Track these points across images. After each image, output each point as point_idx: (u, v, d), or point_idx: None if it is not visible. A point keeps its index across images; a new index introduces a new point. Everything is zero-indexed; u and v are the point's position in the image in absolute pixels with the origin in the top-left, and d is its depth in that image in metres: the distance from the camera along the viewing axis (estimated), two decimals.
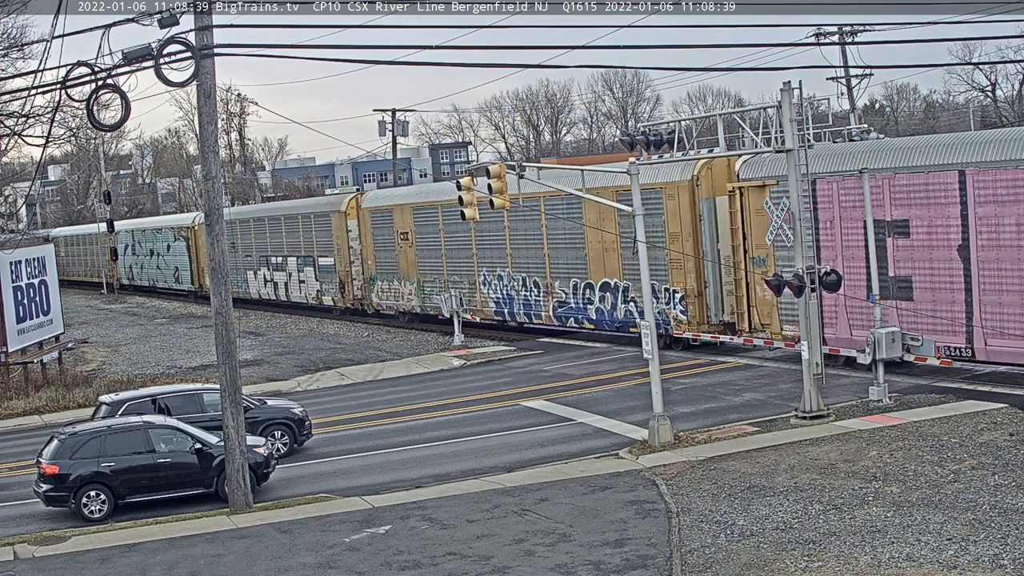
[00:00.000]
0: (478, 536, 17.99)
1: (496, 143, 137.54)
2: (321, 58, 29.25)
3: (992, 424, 21.93)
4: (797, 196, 24.16)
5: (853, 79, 62.28)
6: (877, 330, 25.03)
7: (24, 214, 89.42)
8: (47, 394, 35.77)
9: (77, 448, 22.20)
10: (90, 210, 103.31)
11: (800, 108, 24.08)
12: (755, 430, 23.76)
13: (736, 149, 28.31)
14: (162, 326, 56.62)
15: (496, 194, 24.66)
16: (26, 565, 18.62)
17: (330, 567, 17.18)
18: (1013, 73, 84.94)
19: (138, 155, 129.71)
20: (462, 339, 41.71)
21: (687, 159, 30.61)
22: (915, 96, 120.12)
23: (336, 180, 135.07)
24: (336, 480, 23.57)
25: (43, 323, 39.97)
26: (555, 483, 20.82)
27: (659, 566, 15.75)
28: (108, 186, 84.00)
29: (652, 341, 23.56)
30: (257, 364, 40.47)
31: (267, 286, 59.86)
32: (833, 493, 18.35)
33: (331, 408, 31.43)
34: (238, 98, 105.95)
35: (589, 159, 57.74)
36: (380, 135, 72.80)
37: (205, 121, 21.45)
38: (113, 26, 19.56)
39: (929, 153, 26.80)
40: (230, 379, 21.52)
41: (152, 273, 76.22)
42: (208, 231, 21.73)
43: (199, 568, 17.75)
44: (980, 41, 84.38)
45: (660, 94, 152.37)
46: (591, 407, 28.05)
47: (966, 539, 15.59)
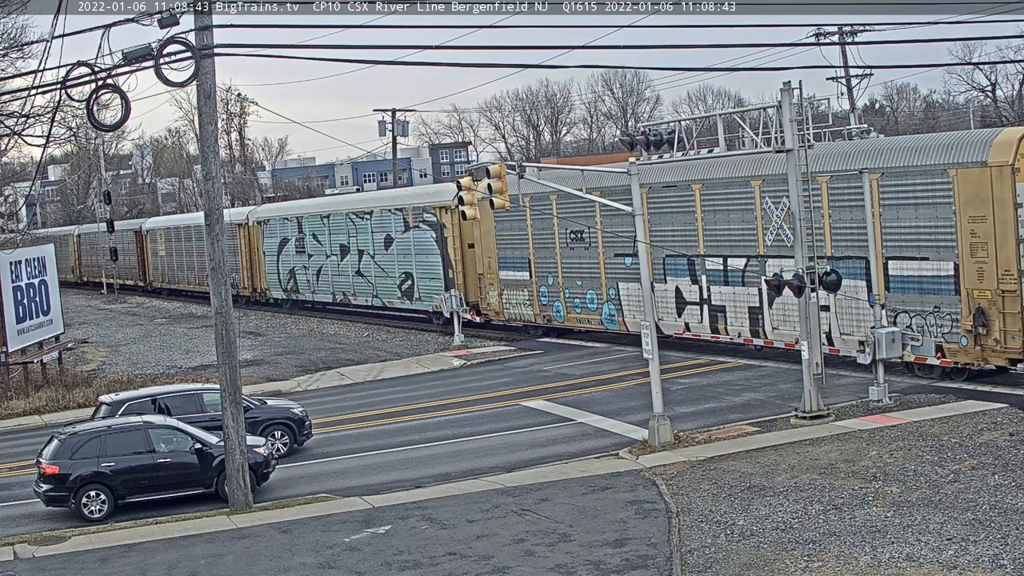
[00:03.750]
0: (478, 536, 17.99)
1: (496, 143, 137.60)
2: (321, 58, 29.31)
3: (992, 424, 21.93)
4: (797, 196, 24.16)
5: (853, 79, 62.25)
6: (877, 330, 25.02)
7: (24, 214, 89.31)
8: (47, 394, 35.77)
9: (77, 448, 22.20)
10: (90, 210, 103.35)
11: (800, 108, 24.09)
12: (755, 430, 23.77)
13: (736, 149, 28.32)
14: (162, 326, 56.61)
15: (496, 194, 24.65)
16: (26, 565, 18.62)
17: (330, 567, 17.18)
18: (1013, 73, 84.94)
19: (138, 155, 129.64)
20: (462, 339, 41.70)
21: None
22: (915, 96, 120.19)
23: (336, 180, 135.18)
24: (336, 480, 23.57)
25: (43, 323, 39.96)
26: (555, 483, 20.82)
27: (659, 566, 15.75)
28: (108, 186, 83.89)
29: (652, 341, 23.56)
30: (257, 364, 40.47)
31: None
32: (833, 493, 18.35)
33: (331, 408, 31.43)
34: (238, 98, 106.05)
35: (589, 159, 57.66)
36: (380, 135, 72.92)
37: (205, 121, 21.45)
38: (113, 26, 19.56)
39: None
40: (230, 379, 21.52)
41: (350, 284, 51.97)
42: (208, 231, 21.72)
43: (199, 568, 17.75)
44: (980, 41, 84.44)
45: (660, 94, 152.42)
46: (591, 407, 28.05)
47: (966, 539, 15.59)
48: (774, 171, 28.75)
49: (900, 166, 26.92)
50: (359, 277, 51.14)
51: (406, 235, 47.32)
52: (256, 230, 60.72)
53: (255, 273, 61.48)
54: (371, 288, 50.38)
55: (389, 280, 48.97)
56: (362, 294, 51.17)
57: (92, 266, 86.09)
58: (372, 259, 49.95)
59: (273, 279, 59.23)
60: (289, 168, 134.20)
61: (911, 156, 26.91)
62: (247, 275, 61.84)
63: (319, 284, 54.83)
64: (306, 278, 55.94)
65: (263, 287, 60.56)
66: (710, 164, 30.76)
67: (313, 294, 55.94)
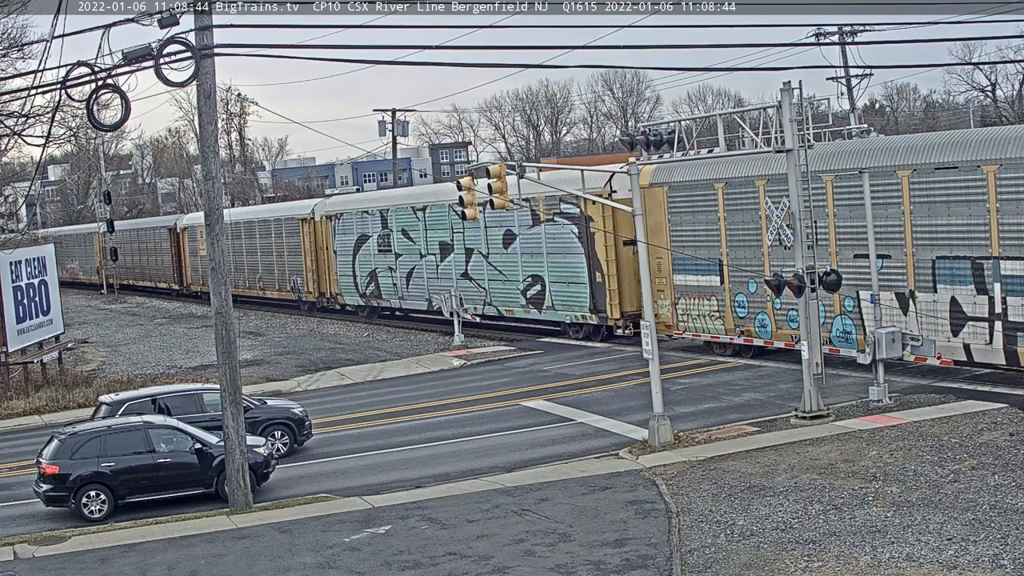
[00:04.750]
0: (478, 536, 17.99)
1: (496, 143, 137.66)
2: (321, 58, 29.35)
3: (992, 424, 21.94)
4: (797, 196, 24.17)
5: (853, 79, 62.28)
6: (877, 330, 25.02)
7: (24, 214, 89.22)
8: (47, 394, 35.78)
9: (77, 448, 22.20)
10: (90, 210, 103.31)
11: (800, 108, 24.10)
12: (755, 430, 23.77)
13: (736, 149, 28.32)
14: (162, 326, 56.61)
15: (496, 194, 24.64)
16: (26, 565, 18.62)
17: (330, 567, 17.18)
18: (1013, 73, 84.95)
19: (138, 155, 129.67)
20: (462, 339, 41.69)
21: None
22: (915, 96, 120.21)
23: (336, 180, 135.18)
24: (336, 480, 23.57)
25: (43, 323, 39.98)
26: (555, 483, 20.82)
27: (659, 566, 15.75)
28: (108, 186, 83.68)
29: (652, 341, 23.56)
30: (257, 364, 40.47)
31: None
32: (833, 493, 18.35)
33: (331, 408, 31.43)
34: (238, 98, 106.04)
35: (589, 159, 57.61)
36: (380, 135, 72.97)
37: (205, 121, 21.45)
38: (113, 26, 19.56)
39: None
40: (230, 379, 21.52)
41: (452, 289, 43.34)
42: (208, 231, 21.73)
43: (199, 568, 17.75)
44: (980, 41, 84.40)
45: (660, 94, 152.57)
46: (591, 407, 28.05)
47: (966, 539, 15.60)
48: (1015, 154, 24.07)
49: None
50: (466, 281, 43.73)
51: (534, 231, 39.82)
52: (324, 226, 53.95)
53: (322, 275, 54.49)
54: (482, 294, 42.91)
55: (509, 285, 41.39)
56: (468, 301, 42.97)
57: (118, 266, 79.34)
58: (485, 259, 42.49)
59: (347, 282, 52.13)
60: (289, 168, 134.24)
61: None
62: (312, 277, 54.92)
63: (409, 289, 47.61)
64: (392, 282, 48.70)
65: (333, 291, 53.60)
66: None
67: (401, 300, 48.58)
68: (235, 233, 61.01)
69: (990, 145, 25.27)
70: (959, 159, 25.66)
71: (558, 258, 38.80)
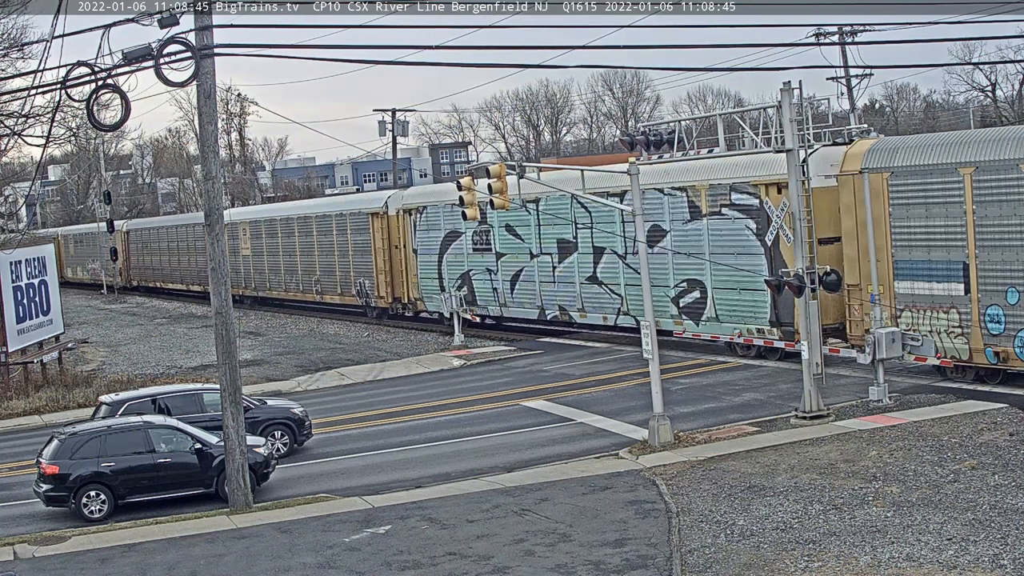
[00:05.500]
0: (478, 536, 17.99)
1: (496, 143, 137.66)
2: (321, 58, 29.39)
3: (992, 424, 21.94)
4: (797, 196, 24.17)
5: (853, 79, 62.28)
6: (877, 330, 25.02)
7: (24, 214, 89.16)
8: (47, 394, 35.77)
9: (77, 448, 22.20)
10: (90, 210, 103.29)
11: (800, 108, 24.11)
12: (755, 430, 23.77)
13: (736, 149, 28.31)
14: (162, 326, 56.60)
15: (496, 194, 24.64)
16: (26, 565, 18.62)
17: (330, 567, 17.18)
18: (1013, 73, 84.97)
19: (138, 155, 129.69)
20: (462, 339, 41.68)
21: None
22: (915, 96, 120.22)
23: (336, 180, 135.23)
24: (336, 480, 23.58)
25: (43, 323, 39.98)
26: (555, 483, 20.83)
27: (659, 566, 15.75)
28: (108, 186, 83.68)
29: (652, 341, 23.56)
30: (257, 364, 40.47)
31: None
32: (833, 493, 18.36)
33: (331, 408, 31.43)
34: (238, 98, 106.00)
35: (589, 159, 57.58)
36: (380, 135, 72.87)
37: (205, 121, 21.46)
38: (113, 26, 19.58)
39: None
40: (230, 379, 21.53)
41: (575, 295, 38.41)
42: (208, 231, 21.73)
43: (199, 568, 17.75)
44: (980, 41, 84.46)
45: (660, 94, 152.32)
46: (591, 407, 28.05)
47: (966, 539, 15.60)
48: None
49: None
50: (593, 286, 37.33)
51: (694, 225, 33.10)
52: (401, 221, 47.12)
53: (397, 278, 47.73)
54: (616, 302, 36.48)
55: (655, 291, 29.74)
56: (597, 310, 37.29)
57: (143, 268, 77.71)
58: (621, 260, 36.00)
59: (432, 286, 45.26)
60: (289, 168, 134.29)
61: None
62: (385, 280, 48.18)
63: (515, 295, 41.03)
64: (491, 286, 42.11)
65: (414, 296, 46.77)
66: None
67: (502, 307, 42.08)
68: (286, 230, 56.26)
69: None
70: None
71: (727, 258, 31.76)
